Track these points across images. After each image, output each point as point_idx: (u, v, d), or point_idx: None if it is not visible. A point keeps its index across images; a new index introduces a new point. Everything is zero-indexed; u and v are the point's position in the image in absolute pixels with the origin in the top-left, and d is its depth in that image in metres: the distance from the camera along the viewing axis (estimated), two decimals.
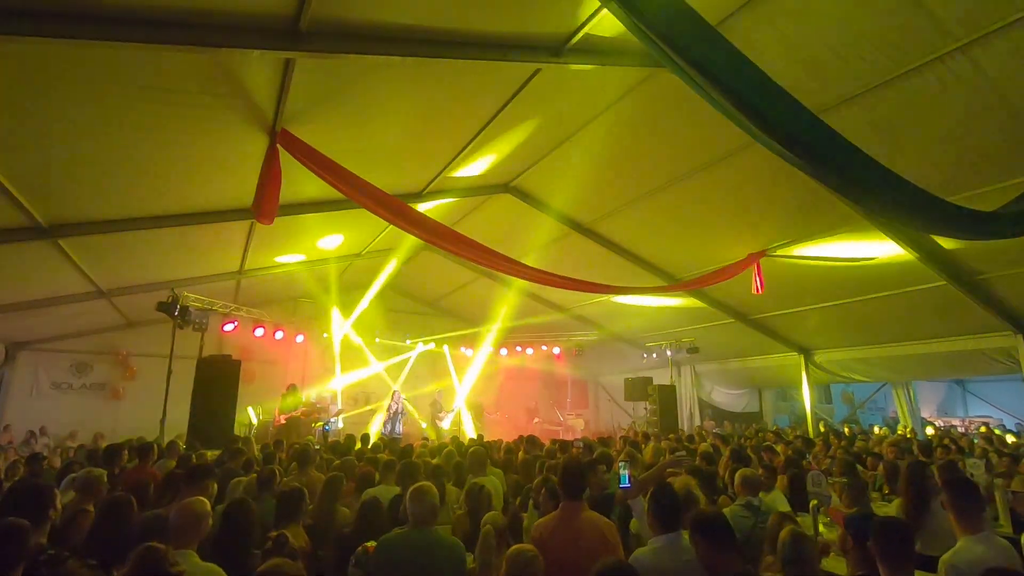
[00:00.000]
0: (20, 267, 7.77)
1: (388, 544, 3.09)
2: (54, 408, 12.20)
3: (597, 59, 5.44)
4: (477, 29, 4.84)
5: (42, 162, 5.40)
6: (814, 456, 8.23)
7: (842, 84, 5.44)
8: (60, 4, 3.51)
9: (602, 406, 19.19)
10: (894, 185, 2.99)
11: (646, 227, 9.46)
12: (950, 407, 18.84)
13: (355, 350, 14.89)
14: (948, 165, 6.10)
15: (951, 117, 5.49)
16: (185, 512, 2.83)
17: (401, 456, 6.21)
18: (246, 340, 12.70)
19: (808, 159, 2.80)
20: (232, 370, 10.14)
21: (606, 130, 6.94)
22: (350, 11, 4.22)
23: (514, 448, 7.79)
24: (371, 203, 5.83)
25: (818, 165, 2.85)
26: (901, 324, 10.38)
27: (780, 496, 4.87)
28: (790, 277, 9.65)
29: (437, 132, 6.83)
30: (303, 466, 5.60)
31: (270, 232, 8.15)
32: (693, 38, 2.50)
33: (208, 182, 6.72)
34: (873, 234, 7.61)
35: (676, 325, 13.59)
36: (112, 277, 9.35)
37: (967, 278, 8.24)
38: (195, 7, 3.81)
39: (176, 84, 4.54)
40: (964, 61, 4.81)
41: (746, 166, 7.04)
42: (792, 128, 2.71)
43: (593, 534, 3.07)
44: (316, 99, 5.37)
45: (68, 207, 6.51)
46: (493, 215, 9.92)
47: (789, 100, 2.66)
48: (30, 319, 10.18)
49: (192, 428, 9.12)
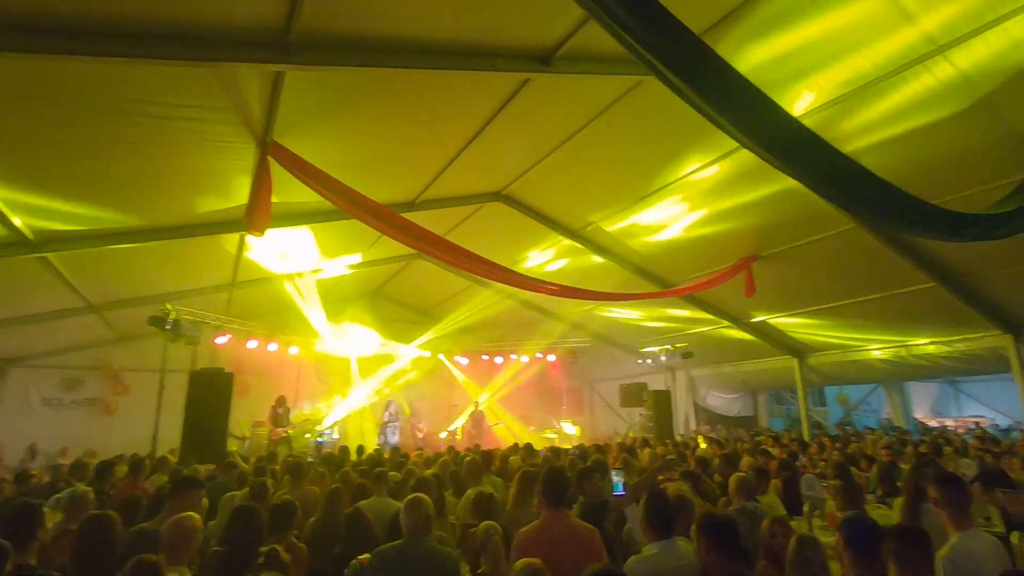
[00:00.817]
0: (8, 282, 7.70)
1: (383, 557, 3.07)
2: (45, 425, 12.03)
3: (586, 67, 5.49)
4: (465, 39, 4.88)
5: (29, 175, 5.38)
6: (808, 459, 8.26)
7: (825, 88, 5.51)
8: (51, 20, 3.52)
9: (598, 412, 19.17)
10: (873, 186, 3.03)
11: (637, 233, 9.50)
12: (943, 407, 18.95)
13: (346, 362, 14.87)
14: (931, 168, 6.18)
15: (934, 120, 5.56)
16: (177, 528, 2.80)
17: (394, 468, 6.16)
18: (239, 352, 12.62)
19: (786, 161, 2.84)
20: (225, 383, 10.08)
21: (597, 137, 6.99)
22: (338, 24, 4.25)
23: (509, 455, 7.76)
24: (363, 213, 5.84)
25: (797, 168, 2.89)
26: (893, 326, 10.46)
27: (775, 500, 4.87)
28: (782, 281, 9.72)
29: (428, 142, 6.86)
30: (296, 479, 5.56)
31: (262, 243, 8.14)
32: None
33: (199, 194, 6.70)
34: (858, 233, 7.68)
35: (670, 331, 13.63)
36: (102, 291, 9.28)
37: (957, 279, 8.33)
38: (184, 21, 3.83)
39: (166, 98, 4.55)
40: (944, 64, 4.89)
41: (735, 170, 7.10)
42: (772, 132, 2.75)
43: (575, 542, 3.06)
44: (307, 111, 5.39)
45: (56, 220, 6.48)
46: (485, 223, 9.94)
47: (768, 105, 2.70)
48: (20, 335, 10.07)
49: (185, 442, 9.04)
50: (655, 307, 12.41)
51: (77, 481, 5.94)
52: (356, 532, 3.94)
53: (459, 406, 17.08)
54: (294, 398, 13.76)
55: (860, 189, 3.21)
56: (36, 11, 3.45)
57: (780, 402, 18.21)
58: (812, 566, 2.76)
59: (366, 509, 4.34)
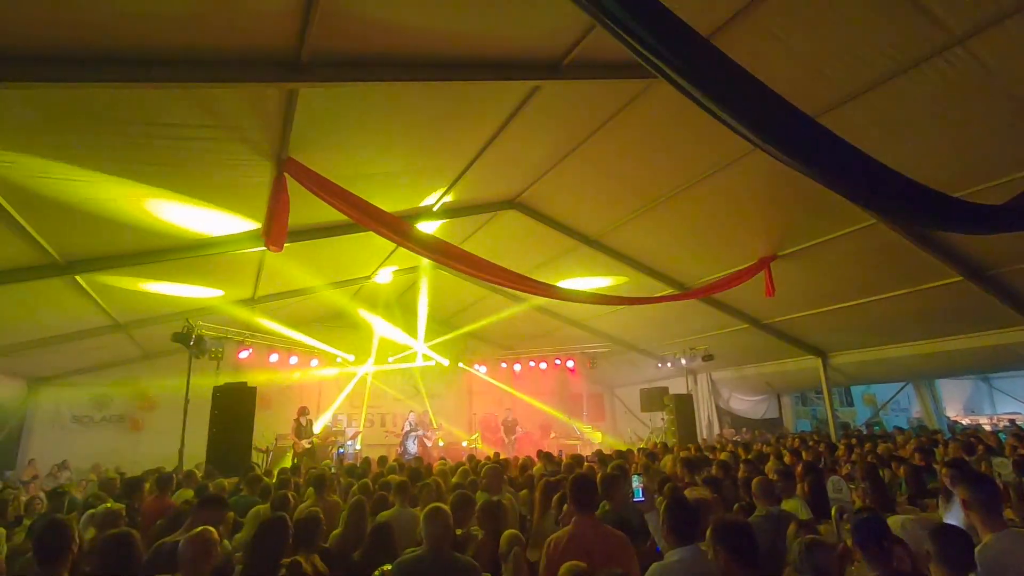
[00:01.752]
0: (40, 304, 7.94)
1: (403, 567, 3.07)
2: (76, 441, 12.36)
3: (594, 73, 5.50)
4: (475, 51, 4.92)
5: (56, 200, 5.54)
6: (834, 461, 8.09)
7: (842, 84, 5.43)
8: (72, 50, 3.64)
9: (619, 418, 19.01)
10: (894, 183, 2.97)
11: (654, 237, 9.44)
12: (976, 405, 18.42)
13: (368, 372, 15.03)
14: (953, 161, 6.05)
15: (954, 113, 5.45)
16: (194, 542, 2.84)
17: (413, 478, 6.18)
18: (261, 366, 12.83)
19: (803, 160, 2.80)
20: (248, 397, 10.22)
21: (609, 142, 6.98)
22: (349, 41, 4.32)
23: (529, 464, 7.73)
24: (379, 226, 5.92)
25: (816, 169, 2.85)
26: (918, 322, 10.21)
27: (800, 504, 4.77)
28: (802, 279, 9.57)
29: (441, 153, 6.92)
30: (320, 491, 5.61)
31: (280, 258, 8.27)
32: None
33: (218, 212, 6.85)
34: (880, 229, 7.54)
35: (690, 333, 13.48)
36: (128, 310, 9.51)
37: (984, 274, 8.12)
38: (199, 45, 3.93)
39: (182, 119, 4.67)
40: (964, 55, 4.79)
41: (751, 171, 7.03)
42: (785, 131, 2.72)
43: (605, 549, 3.04)
44: (320, 126, 5.48)
45: (83, 243, 6.67)
46: (500, 232, 9.97)
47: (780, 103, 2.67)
48: (51, 354, 10.36)
49: (210, 456, 9.18)
50: (673, 310, 12.28)
51: (107, 496, 6.08)
52: (380, 542, 3.95)
53: (478, 414, 17.11)
54: (316, 410, 13.92)
55: (882, 188, 3.15)
56: (58, 42, 3.58)
57: (806, 403, 17.88)
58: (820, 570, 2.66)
59: (387, 520, 4.35)
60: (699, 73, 2.69)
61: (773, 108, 2.78)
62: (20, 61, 3.59)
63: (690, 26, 2.57)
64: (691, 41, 2.60)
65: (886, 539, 2.68)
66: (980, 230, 4.15)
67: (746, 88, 2.73)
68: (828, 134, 2.93)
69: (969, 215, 3.62)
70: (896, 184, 3.04)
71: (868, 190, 3.27)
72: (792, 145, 2.89)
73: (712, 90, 2.74)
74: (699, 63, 2.68)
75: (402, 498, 5.01)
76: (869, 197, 3.52)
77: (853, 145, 3.02)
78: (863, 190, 3.21)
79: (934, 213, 3.52)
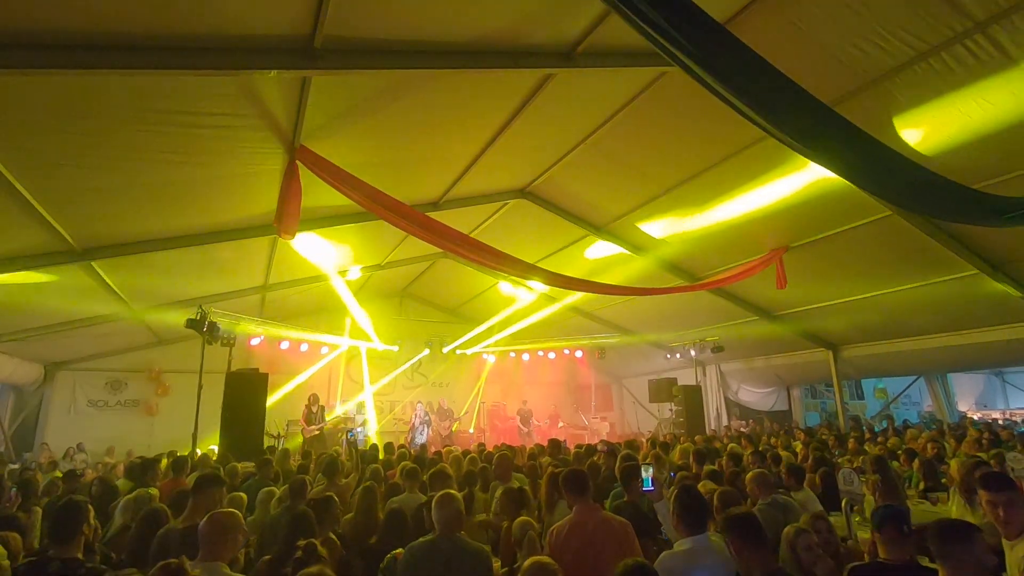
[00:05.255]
0: (57, 289, 8.05)
1: (414, 552, 3.12)
2: (91, 425, 12.57)
3: (607, 61, 5.45)
4: (487, 39, 4.89)
5: (73, 188, 5.60)
6: (844, 454, 8.06)
7: (857, 72, 5.35)
8: (87, 37, 3.65)
9: (627, 408, 19.04)
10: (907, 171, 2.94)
11: (663, 226, 9.38)
12: (989, 399, 18.25)
13: (379, 357, 15.17)
14: (973, 151, 5.95)
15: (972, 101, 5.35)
16: (214, 524, 2.86)
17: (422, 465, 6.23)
18: (273, 353, 12.97)
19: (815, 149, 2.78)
20: (260, 383, 10.33)
21: (620, 131, 6.93)
22: (362, 29, 4.31)
23: (537, 453, 7.77)
24: (390, 214, 5.93)
25: (831, 159, 2.83)
26: (931, 316, 10.11)
27: (811, 495, 4.77)
28: (813, 271, 9.48)
29: (452, 141, 6.91)
30: (331, 476, 5.68)
31: (292, 246, 8.33)
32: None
33: (231, 200, 6.89)
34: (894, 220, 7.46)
35: (700, 324, 13.43)
36: (143, 296, 9.62)
37: (1000, 266, 8.00)
38: (213, 32, 3.94)
39: (197, 107, 4.68)
40: (984, 41, 4.69)
41: (761, 160, 6.95)
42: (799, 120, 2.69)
43: (608, 535, 3.06)
44: (333, 114, 5.48)
45: (99, 230, 6.74)
46: (510, 221, 9.96)
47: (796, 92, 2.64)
48: (67, 339, 10.52)
49: (223, 441, 9.31)
50: (684, 301, 12.23)
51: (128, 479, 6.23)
52: (394, 527, 4.00)
53: (485, 403, 17.19)
54: (327, 397, 14.07)
55: (897, 177, 3.12)
56: (74, 29, 3.59)
57: (815, 396, 17.78)
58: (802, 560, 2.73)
59: (400, 505, 4.41)
60: (715, 61, 2.67)
61: (790, 97, 2.75)
62: (33, 48, 3.60)
63: (706, 13, 2.55)
64: (707, 28, 2.58)
65: (906, 524, 2.68)
66: (998, 223, 4.09)
67: (763, 77, 2.70)
68: (845, 123, 2.90)
69: (989, 207, 3.57)
70: (915, 175, 3.00)
71: (880, 182, 3.24)
72: (809, 135, 2.87)
73: (728, 78, 2.72)
74: (715, 51, 2.65)
75: (411, 484, 5.07)
76: (885, 189, 3.49)
77: (870, 135, 3.00)
78: (878, 181, 3.18)
79: (957, 207, 3.49)
